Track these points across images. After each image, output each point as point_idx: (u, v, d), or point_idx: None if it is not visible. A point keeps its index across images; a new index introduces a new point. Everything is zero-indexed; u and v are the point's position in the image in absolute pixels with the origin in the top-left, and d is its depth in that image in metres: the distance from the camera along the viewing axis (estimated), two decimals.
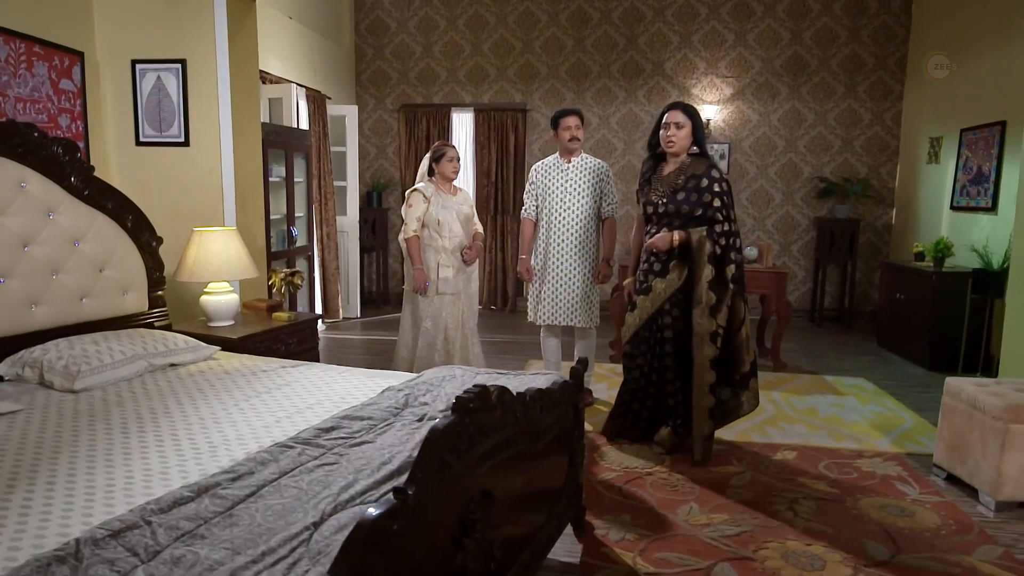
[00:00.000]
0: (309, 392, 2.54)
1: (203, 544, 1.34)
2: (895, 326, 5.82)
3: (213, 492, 1.55)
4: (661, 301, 3.35)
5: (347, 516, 1.47)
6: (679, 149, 3.32)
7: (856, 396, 4.52)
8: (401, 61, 7.67)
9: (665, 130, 3.31)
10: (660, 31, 7.25)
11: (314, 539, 1.38)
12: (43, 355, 2.60)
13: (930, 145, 6.36)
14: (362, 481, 1.64)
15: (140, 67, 4.06)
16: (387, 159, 7.86)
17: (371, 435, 1.94)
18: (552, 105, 7.49)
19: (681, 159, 3.35)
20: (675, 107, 3.33)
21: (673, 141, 3.29)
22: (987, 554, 2.52)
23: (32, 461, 1.87)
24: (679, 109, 3.31)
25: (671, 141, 3.30)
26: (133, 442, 2.03)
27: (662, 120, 3.33)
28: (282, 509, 1.50)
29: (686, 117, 3.29)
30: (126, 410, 2.31)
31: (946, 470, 3.21)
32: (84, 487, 1.72)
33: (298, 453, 1.78)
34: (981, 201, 5.43)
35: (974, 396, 3.04)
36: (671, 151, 3.33)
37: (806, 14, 7.02)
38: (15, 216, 2.64)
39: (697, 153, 3.36)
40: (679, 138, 3.29)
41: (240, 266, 3.37)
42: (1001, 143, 5.19)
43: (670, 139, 3.30)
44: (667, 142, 3.31)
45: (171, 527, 1.40)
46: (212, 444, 2.02)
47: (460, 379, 2.54)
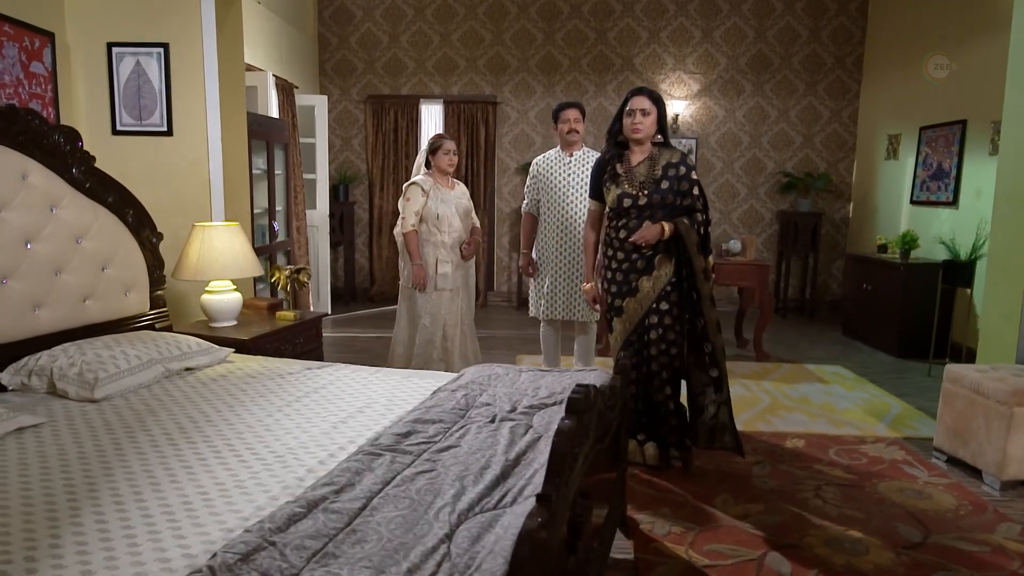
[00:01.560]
0: (350, 395, 2.43)
1: (340, 564, 1.25)
2: (861, 315, 6.07)
3: (323, 506, 1.46)
4: (650, 301, 3.09)
5: (476, 526, 1.41)
6: (645, 136, 3.07)
7: (840, 384, 4.69)
8: (367, 51, 7.46)
9: (630, 117, 3.05)
10: (629, 26, 7.31)
11: (454, 552, 1.31)
12: (51, 362, 2.40)
13: (888, 142, 6.66)
14: (471, 488, 1.57)
15: (117, 51, 3.80)
16: (353, 151, 7.65)
17: (451, 439, 1.87)
18: (522, 98, 7.46)
19: (648, 148, 3.12)
20: (640, 92, 3.07)
21: (639, 128, 3.03)
22: (1007, 532, 2.66)
23: (85, 480, 1.72)
24: (645, 95, 3.06)
25: (637, 128, 3.03)
26: (188, 454, 1.89)
27: (626, 107, 3.08)
28: (403, 521, 1.42)
29: (652, 104, 3.05)
30: (161, 419, 2.15)
31: (947, 453, 3.36)
32: (159, 506, 1.58)
33: (390, 461, 1.70)
34: (942, 196, 5.72)
35: (977, 382, 3.19)
36: (637, 138, 3.07)
37: (770, 13, 7.21)
38: (17, 211, 2.41)
39: (662, 142, 3.15)
40: (645, 125, 3.04)
41: (246, 263, 3.20)
42: (962, 140, 5.47)
43: (636, 126, 3.03)
44: (633, 129, 3.05)
45: (298, 547, 1.30)
46: (276, 453, 1.90)
47: (508, 378, 2.49)
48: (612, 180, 3.13)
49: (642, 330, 3.12)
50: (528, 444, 1.83)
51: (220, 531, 1.47)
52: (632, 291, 3.11)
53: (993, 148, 5.08)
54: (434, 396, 2.26)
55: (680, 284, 3.10)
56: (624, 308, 3.13)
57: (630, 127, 3.06)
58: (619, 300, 3.14)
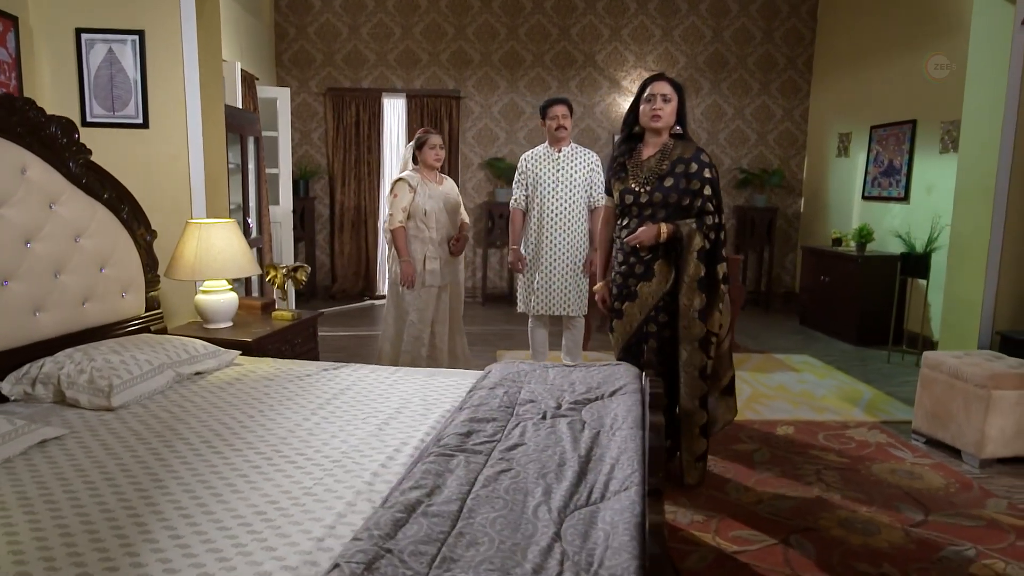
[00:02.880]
0: (380, 396, 2.38)
1: (462, 568, 1.24)
2: (819, 306, 6.35)
3: (421, 511, 1.43)
4: (648, 309, 2.90)
5: (578, 523, 1.41)
6: (665, 125, 2.82)
7: (811, 372, 4.89)
8: (326, 42, 7.27)
9: (650, 103, 2.80)
10: (591, 23, 7.38)
11: (569, 550, 1.31)
12: (57, 369, 2.25)
13: (839, 140, 6.97)
14: (556, 486, 1.57)
15: (87, 37, 3.58)
16: (312, 145, 7.45)
17: (513, 437, 1.86)
18: (485, 93, 7.43)
19: (663, 140, 2.87)
20: (661, 78, 2.85)
21: (659, 115, 2.78)
22: (997, 507, 2.84)
23: (138, 493, 1.62)
24: (666, 80, 2.83)
25: (657, 116, 2.78)
26: (237, 462, 1.81)
27: (644, 93, 2.85)
28: (506, 522, 1.40)
29: (673, 90, 2.82)
30: (193, 427, 2.06)
31: (926, 435, 3.56)
32: (231, 517, 1.52)
33: (465, 462, 1.67)
34: (894, 192, 6.03)
35: (956, 367, 3.40)
36: (656, 127, 2.82)
37: (726, 13, 7.42)
38: (17, 208, 2.24)
39: (680, 134, 2.91)
40: (666, 113, 2.79)
41: (245, 262, 3.08)
42: (912, 139, 5.78)
43: (656, 113, 2.78)
44: (652, 117, 2.80)
45: (414, 553, 1.27)
46: (331, 458, 1.85)
47: (537, 374, 2.49)
48: (618, 175, 2.94)
49: (640, 337, 2.93)
50: (591, 440, 1.84)
51: (309, 540, 1.42)
52: (632, 295, 2.93)
53: (943, 146, 5.39)
54: (473, 395, 2.24)
55: (676, 293, 2.85)
56: (624, 311, 2.96)
57: (649, 113, 2.80)
58: (619, 303, 2.99)
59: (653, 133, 2.88)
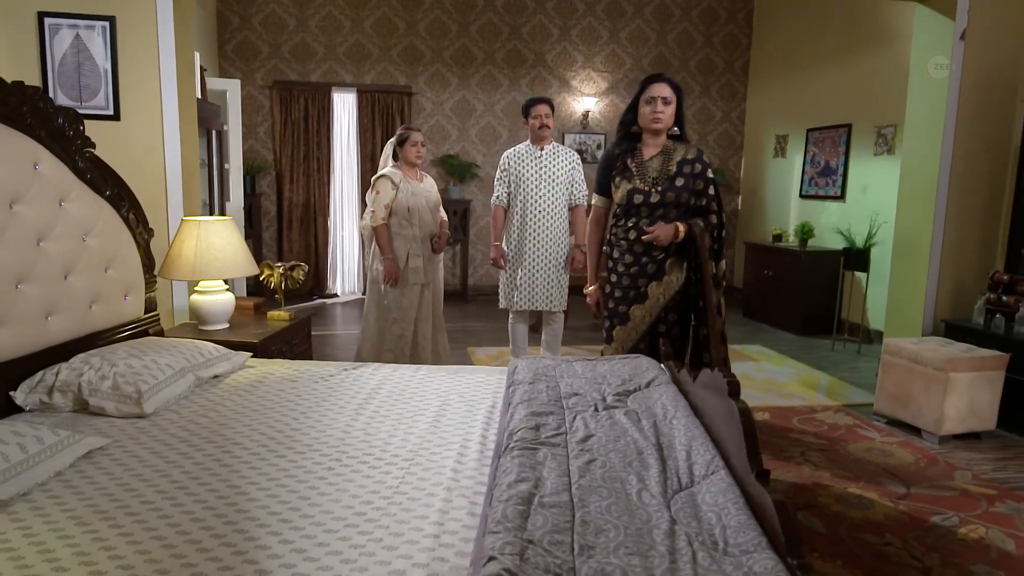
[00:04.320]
0: (416, 394, 2.38)
1: (604, 553, 1.28)
2: (763, 299, 6.70)
3: (537, 502, 1.46)
4: (659, 309, 2.90)
5: (684, 506, 1.49)
6: (665, 127, 2.84)
7: (767, 361, 5.18)
8: (272, 34, 7.03)
9: (651, 105, 2.81)
10: (541, 23, 7.48)
11: (690, 532, 1.38)
12: (76, 376, 2.13)
13: (776, 141, 7.37)
14: (646, 473, 1.64)
15: (50, 21, 3.37)
16: (258, 140, 7.19)
17: (579, 429, 1.91)
18: (437, 90, 7.40)
19: (662, 141, 2.89)
20: (660, 79, 2.84)
21: (660, 118, 2.79)
22: (963, 478, 3.13)
23: (222, 499, 1.58)
24: (665, 82, 2.82)
25: (658, 118, 2.79)
26: (307, 464, 1.79)
27: (642, 94, 2.85)
28: (619, 509, 1.46)
29: (673, 92, 2.82)
30: (241, 431, 2.00)
31: (887, 416, 3.86)
32: (333, 520, 1.51)
33: (549, 455, 1.71)
34: (830, 191, 6.45)
35: (915, 353, 3.70)
36: (656, 128, 2.83)
37: (669, 18, 7.69)
38: (31, 205, 2.10)
39: (677, 135, 2.93)
40: (666, 115, 2.80)
41: (245, 261, 2.98)
42: (848, 142, 6.20)
43: (657, 115, 2.79)
44: (653, 119, 2.80)
45: (552, 543, 1.31)
46: (401, 456, 1.85)
47: (564, 368, 2.54)
48: (622, 175, 2.91)
49: (650, 339, 2.93)
50: (652, 429, 1.92)
51: (425, 537, 1.44)
52: (640, 297, 2.90)
53: (877, 149, 5.82)
54: (514, 390, 2.27)
55: (688, 291, 2.92)
56: (631, 315, 2.92)
57: (650, 116, 2.81)
58: (624, 306, 2.93)
59: (652, 134, 2.89)
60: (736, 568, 1.25)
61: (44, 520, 1.47)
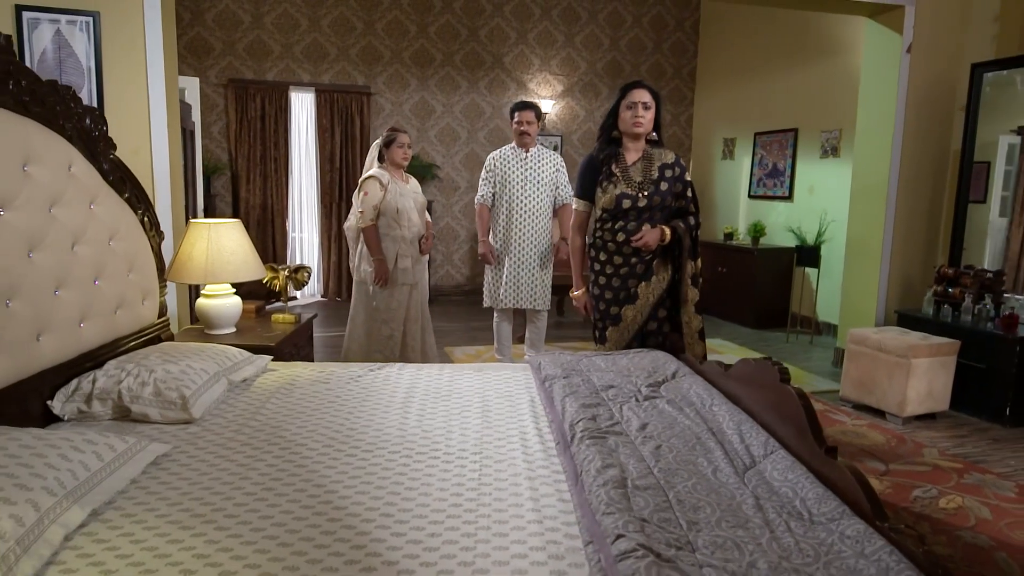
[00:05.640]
0: (452, 392, 2.43)
1: (710, 527, 1.40)
2: (716, 294, 7.02)
3: (631, 486, 1.56)
4: (649, 307, 3.04)
5: (759, 484, 1.62)
6: (645, 132, 2.94)
7: (731, 352, 5.45)
8: (226, 31, 6.85)
9: (632, 110, 2.89)
10: (499, 26, 7.58)
11: (776, 504, 1.51)
12: (114, 383, 2.08)
13: (724, 144, 7.72)
14: (711, 456, 1.76)
15: (29, 15, 3.23)
16: (212, 139, 6.98)
17: (632, 419, 2.02)
18: (396, 90, 7.38)
19: (642, 146, 2.98)
20: (640, 86, 2.93)
21: (641, 123, 2.88)
22: (931, 455, 3.43)
23: (323, 501, 1.61)
24: (645, 88, 2.93)
25: (639, 123, 2.88)
26: (382, 461, 1.83)
27: (623, 100, 2.94)
28: (703, 489, 1.57)
29: (652, 98, 2.92)
30: (299, 432, 2.02)
31: (853, 401, 4.16)
32: (436, 513, 1.56)
33: (620, 442, 1.81)
34: (779, 191, 6.82)
35: (879, 341, 4.01)
36: (637, 132, 2.91)
37: (622, 24, 7.93)
38: (67, 208, 2.03)
39: (655, 140, 3.03)
40: (647, 121, 2.90)
41: (254, 264, 2.95)
42: (794, 145, 6.58)
43: (638, 120, 2.88)
44: (635, 124, 2.89)
45: (663, 520, 1.41)
46: (470, 451, 1.91)
47: (588, 363, 2.65)
48: (608, 179, 2.97)
49: (642, 337, 3.07)
50: (696, 415, 2.05)
51: (537, 525, 1.51)
52: (631, 297, 3.02)
53: (823, 152, 6.20)
54: (551, 384, 2.36)
55: (673, 289, 3.06)
56: (622, 316, 3.03)
57: (631, 121, 2.90)
58: (616, 307, 3.04)
59: (633, 138, 2.97)
60: (828, 534, 1.38)
61: (144, 527, 1.46)
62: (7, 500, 1.34)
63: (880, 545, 1.31)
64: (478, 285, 7.85)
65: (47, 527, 1.36)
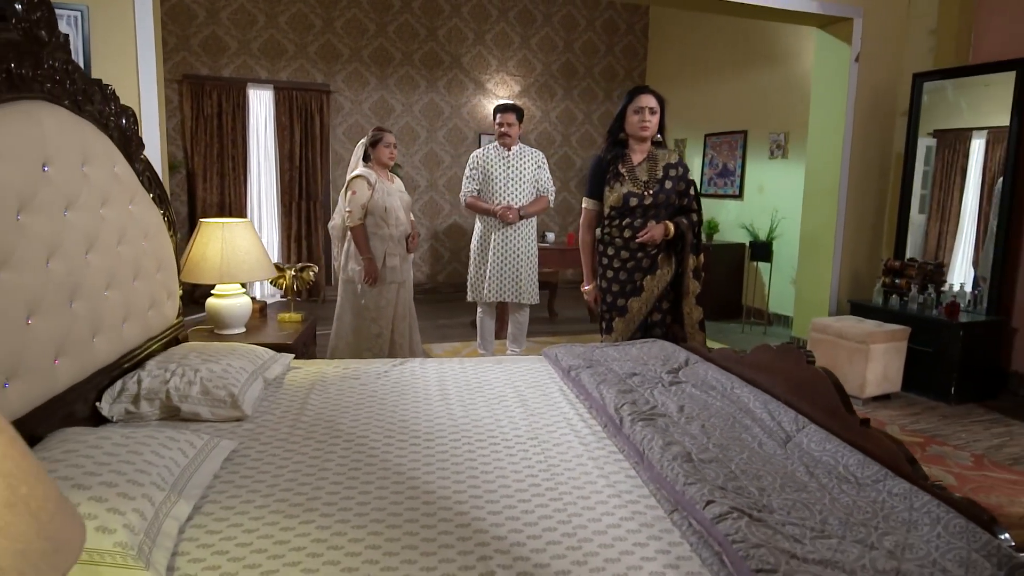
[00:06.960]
0: (482, 384, 2.54)
1: (776, 491, 1.57)
2: None
3: (697, 460, 1.71)
4: (654, 299, 3.23)
5: (800, 455, 1.80)
6: (651, 135, 3.13)
7: None
8: (180, 25, 6.65)
9: (639, 115, 3.09)
10: (457, 26, 7.65)
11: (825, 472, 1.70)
12: (161, 384, 2.09)
13: (675, 145, 8.05)
14: (750, 432, 1.94)
15: None
16: (167, 136, 6.74)
17: (665, 404, 2.18)
18: (356, 89, 7.34)
19: (647, 147, 3.17)
20: (646, 91, 3.12)
21: (648, 127, 3.08)
22: (893, 431, 3.76)
23: (421, 496, 1.69)
24: (651, 94, 3.11)
25: (646, 126, 3.08)
26: (446, 453, 1.92)
27: (630, 104, 3.12)
28: (756, 459, 1.75)
29: (657, 102, 3.11)
30: (352, 428, 2.08)
31: None
32: (520, 496, 1.67)
33: (667, 423, 1.97)
34: (729, 190, 7.18)
35: (840, 329, 4.34)
36: (644, 135, 3.11)
37: (575, 27, 8.14)
38: (113, 208, 2.02)
39: (659, 141, 3.22)
40: (653, 124, 3.09)
41: (266, 264, 2.96)
42: (744, 146, 6.95)
43: (645, 124, 3.07)
44: (642, 127, 3.08)
45: (736, 487, 1.57)
46: (524, 438, 2.03)
47: (602, 353, 2.80)
48: (616, 179, 3.15)
49: (646, 328, 3.26)
50: (722, 397, 2.24)
51: (612, 498, 1.65)
52: (637, 290, 3.20)
53: (771, 153, 6.58)
54: (577, 374, 2.50)
55: (676, 282, 3.26)
56: (629, 307, 3.23)
57: (638, 124, 3.09)
58: (622, 299, 3.23)
59: (639, 141, 3.16)
60: (878, 493, 1.58)
61: (250, 517, 1.51)
62: (126, 495, 1.37)
63: (927, 499, 1.51)
64: (439, 283, 7.92)
65: (163, 520, 1.39)
